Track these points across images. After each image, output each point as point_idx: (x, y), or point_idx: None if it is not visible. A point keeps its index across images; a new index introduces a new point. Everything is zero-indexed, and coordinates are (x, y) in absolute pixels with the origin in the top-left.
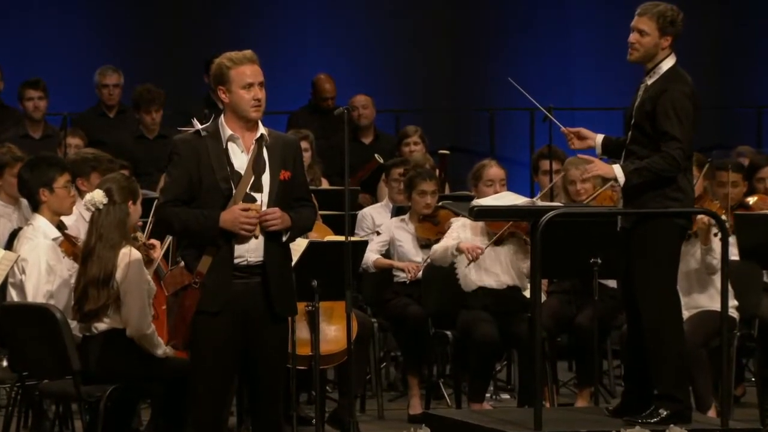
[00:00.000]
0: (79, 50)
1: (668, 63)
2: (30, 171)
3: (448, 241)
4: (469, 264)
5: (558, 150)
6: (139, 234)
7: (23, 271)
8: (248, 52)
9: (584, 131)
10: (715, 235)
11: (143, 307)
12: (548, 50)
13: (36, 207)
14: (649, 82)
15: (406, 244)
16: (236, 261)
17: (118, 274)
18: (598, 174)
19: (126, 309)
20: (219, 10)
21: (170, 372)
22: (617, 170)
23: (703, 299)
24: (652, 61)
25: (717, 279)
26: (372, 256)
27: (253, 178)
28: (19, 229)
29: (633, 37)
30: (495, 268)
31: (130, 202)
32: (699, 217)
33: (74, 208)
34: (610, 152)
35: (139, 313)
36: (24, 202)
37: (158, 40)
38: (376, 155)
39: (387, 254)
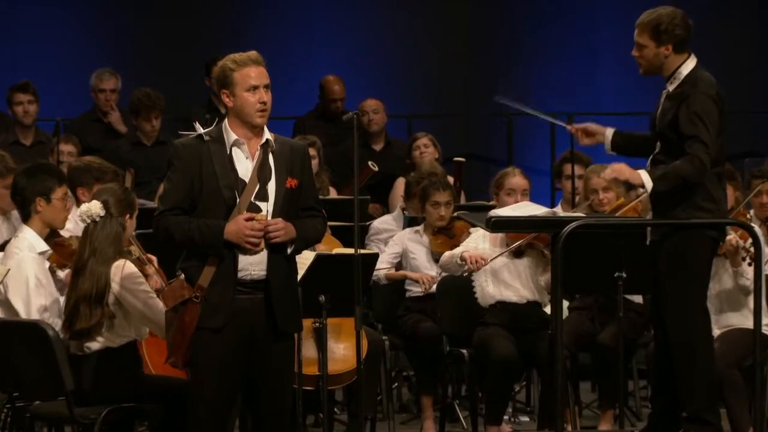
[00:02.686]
0: (73, 52)
1: (688, 67)
2: (28, 178)
3: (455, 250)
4: (466, 273)
5: (582, 155)
6: (133, 248)
7: (6, 289)
8: (253, 53)
9: (592, 127)
10: (743, 259)
11: (162, 310)
12: (571, 51)
13: (27, 217)
14: (671, 88)
15: (419, 257)
16: (240, 275)
17: (114, 290)
18: (624, 178)
19: (145, 320)
20: (221, 9)
21: (169, 392)
22: (644, 176)
23: (735, 317)
24: (667, 69)
25: (751, 297)
26: (383, 267)
27: (258, 186)
28: (8, 240)
29: (634, 51)
30: (515, 282)
31: (127, 216)
32: (727, 238)
33: (70, 217)
34: (621, 150)
35: (160, 317)
36: (14, 213)
37: (157, 41)
38: (369, 162)
39: (399, 267)
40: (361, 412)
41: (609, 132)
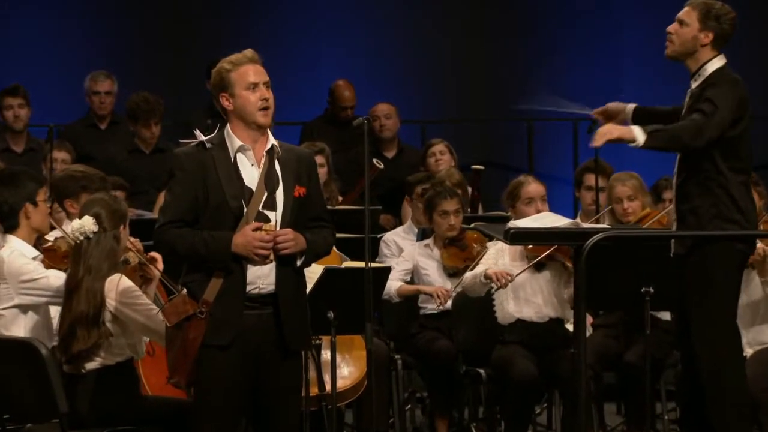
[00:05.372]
0: (67, 54)
1: (715, 65)
2: (10, 187)
3: (477, 270)
4: (496, 290)
5: (604, 164)
6: (130, 254)
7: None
8: (248, 52)
9: (612, 108)
10: None
11: (161, 320)
12: (594, 53)
13: (14, 227)
14: (694, 86)
15: (431, 272)
16: (248, 289)
17: (111, 306)
18: (615, 137)
19: (147, 331)
20: (223, 9)
21: (169, 414)
22: (636, 131)
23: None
24: (695, 61)
25: None
26: (395, 284)
27: (265, 195)
28: None
29: (672, 26)
30: (536, 298)
31: (121, 227)
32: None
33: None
34: (642, 123)
35: (161, 328)
36: None
37: (156, 42)
38: (375, 160)
39: (411, 284)
40: (372, 427)
41: (629, 108)
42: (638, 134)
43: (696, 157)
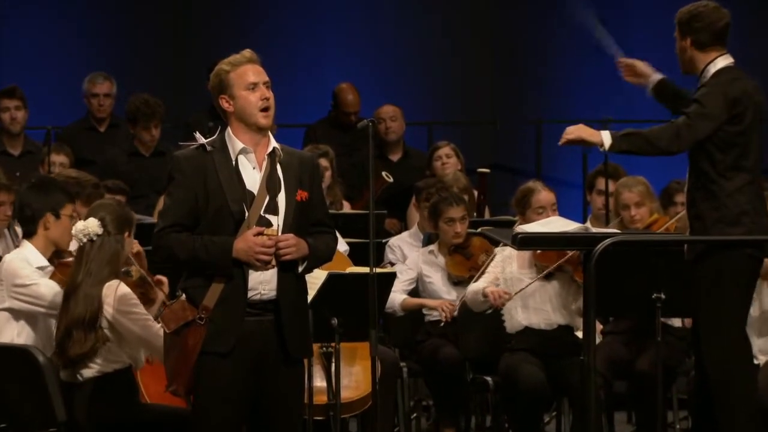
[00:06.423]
0: (65, 55)
1: (716, 65)
2: (37, 193)
3: (479, 284)
4: (490, 311)
5: (619, 168)
6: (133, 268)
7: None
8: (247, 52)
9: (640, 67)
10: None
11: (158, 333)
12: (603, 53)
13: (31, 233)
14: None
15: (436, 280)
16: (249, 294)
17: (108, 312)
18: (579, 137)
19: (142, 343)
20: (224, 10)
21: (169, 422)
22: (604, 135)
23: None
24: (697, 67)
25: None
26: (398, 297)
27: (267, 199)
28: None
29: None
30: (545, 306)
31: (126, 234)
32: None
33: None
34: (661, 97)
35: (159, 340)
36: (7, 232)
37: (156, 43)
38: (384, 173)
39: (415, 292)
40: None
41: (655, 77)
42: (605, 138)
43: (697, 161)
